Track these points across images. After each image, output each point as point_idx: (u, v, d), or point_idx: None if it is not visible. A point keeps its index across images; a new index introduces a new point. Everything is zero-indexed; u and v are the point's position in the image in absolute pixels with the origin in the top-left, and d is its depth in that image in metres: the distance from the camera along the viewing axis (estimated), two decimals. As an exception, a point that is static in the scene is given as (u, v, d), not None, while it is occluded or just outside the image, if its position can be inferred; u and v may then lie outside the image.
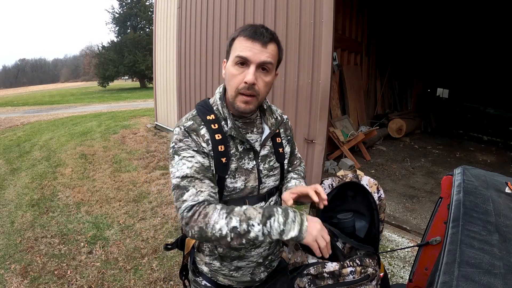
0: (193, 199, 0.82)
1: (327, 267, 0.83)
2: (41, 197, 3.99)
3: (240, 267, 1.03)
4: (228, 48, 0.92)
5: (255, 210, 0.80)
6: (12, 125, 9.62)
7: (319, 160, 3.69)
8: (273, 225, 0.77)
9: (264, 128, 1.02)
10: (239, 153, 0.95)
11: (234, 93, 0.90)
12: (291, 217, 0.78)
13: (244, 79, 0.87)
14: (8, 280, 2.44)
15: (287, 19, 3.84)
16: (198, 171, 0.86)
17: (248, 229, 0.77)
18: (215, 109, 0.96)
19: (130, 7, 26.50)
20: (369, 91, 6.90)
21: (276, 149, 1.04)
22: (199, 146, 0.89)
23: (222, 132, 0.93)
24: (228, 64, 0.91)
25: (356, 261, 0.85)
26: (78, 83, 49.95)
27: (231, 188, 0.94)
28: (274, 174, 1.04)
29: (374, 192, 0.97)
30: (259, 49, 0.86)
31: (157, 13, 7.17)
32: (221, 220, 0.78)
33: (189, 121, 0.93)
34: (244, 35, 0.87)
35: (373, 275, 0.85)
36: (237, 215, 0.79)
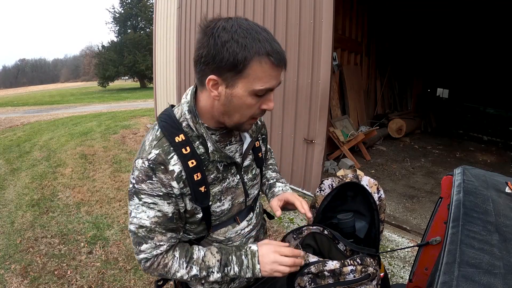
0: (151, 252, 0.79)
1: (328, 266, 0.83)
2: (41, 197, 3.99)
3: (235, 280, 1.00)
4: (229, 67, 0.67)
5: (213, 257, 0.82)
6: (12, 125, 9.63)
7: (319, 160, 3.69)
8: (229, 273, 0.82)
9: (245, 136, 0.89)
10: (221, 173, 0.83)
11: (245, 120, 0.77)
12: (245, 264, 0.82)
13: (264, 106, 0.75)
14: (8, 280, 2.44)
15: (286, 19, 3.84)
16: (159, 223, 0.77)
17: (208, 275, 0.81)
18: (184, 126, 0.78)
19: (130, 7, 26.52)
20: (369, 91, 6.90)
21: (256, 154, 0.96)
22: (166, 188, 0.74)
23: (195, 156, 0.76)
24: (240, 92, 0.70)
25: (357, 260, 0.85)
26: (78, 83, 49.97)
27: (219, 212, 0.86)
28: (257, 182, 0.98)
29: (374, 192, 0.97)
30: (281, 73, 0.73)
31: (157, 13, 7.17)
32: (181, 269, 0.81)
33: (154, 149, 0.75)
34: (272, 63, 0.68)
35: (374, 274, 0.85)
36: (197, 264, 0.81)
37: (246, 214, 0.95)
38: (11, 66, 72.01)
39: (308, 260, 0.86)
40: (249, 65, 0.67)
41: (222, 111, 0.75)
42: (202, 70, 0.72)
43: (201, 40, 0.70)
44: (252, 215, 0.98)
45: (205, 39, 0.68)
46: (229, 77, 0.69)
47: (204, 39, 0.69)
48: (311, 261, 0.85)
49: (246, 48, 0.66)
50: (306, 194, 3.92)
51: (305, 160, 3.84)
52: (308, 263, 0.85)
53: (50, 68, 77.29)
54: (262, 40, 0.67)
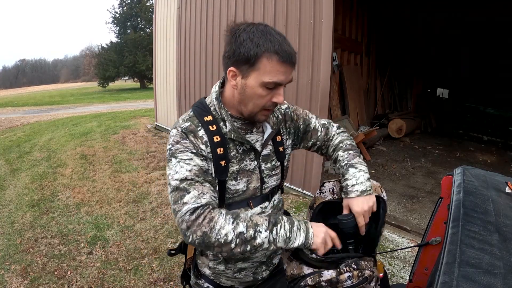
0: (196, 201, 0.79)
1: (324, 276, 0.83)
2: (41, 197, 3.99)
3: (243, 268, 1.02)
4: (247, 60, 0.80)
5: (261, 217, 0.82)
6: (12, 125, 9.63)
7: (319, 160, 3.69)
8: (279, 232, 0.80)
9: (266, 127, 0.98)
10: (240, 154, 0.92)
11: (258, 110, 0.87)
12: (296, 225, 0.83)
13: (274, 99, 0.85)
14: (8, 281, 2.44)
15: (286, 19, 3.84)
16: (198, 174, 0.83)
17: (254, 235, 0.78)
18: (212, 110, 0.92)
19: (130, 7, 26.51)
20: (369, 91, 6.90)
21: (277, 148, 1.01)
22: (198, 148, 0.85)
23: (220, 133, 0.88)
24: (252, 83, 0.83)
25: (352, 265, 0.85)
26: (78, 84, 49.95)
27: (233, 191, 0.92)
28: (276, 173, 1.02)
29: (379, 194, 0.97)
30: (290, 71, 0.84)
31: (157, 13, 7.18)
32: (227, 225, 0.77)
33: (186, 122, 0.89)
34: (278, 58, 0.80)
35: (371, 276, 0.85)
36: (244, 221, 0.79)
37: (260, 201, 0.98)
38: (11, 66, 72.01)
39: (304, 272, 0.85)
40: (259, 59, 0.80)
41: (239, 99, 0.88)
42: (226, 63, 0.86)
43: (227, 39, 0.84)
44: (268, 204, 1.01)
45: (229, 38, 0.84)
46: (244, 69, 0.82)
47: (229, 38, 0.84)
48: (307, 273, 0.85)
49: (258, 45, 0.79)
50: (306, 194, 3.92)
51: (305, 160, 3.83)
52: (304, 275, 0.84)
53: (50, 69, 77.25)
54: (273, 41, 0.79)
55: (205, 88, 5.61)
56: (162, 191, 4.11)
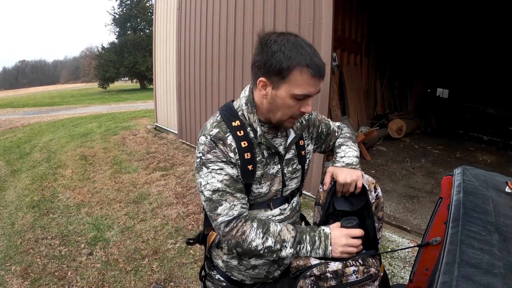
0: (228, 213, 0.88)
1: (330, 267, 0.83)
2: (42, 198, 3.99)
3: (256, 266, 1.05)
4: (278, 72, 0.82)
5: (288, 233, 0.89)
6: (12, 126, 9.63)
7: (319, 160, 3.70)
8: (302, 250, 0.88)
9: (289, 132, 1.01)
10: (265, 159, 0.95)
11: (286, 118, 0.90)
12: (316, 245, 0.88)
13: (302, 109, 0.88)
14: (8, 282, 2.44)
15: (286, 20, 3.84)
16: (228, 185, 0.89)
17: (281, 249, 0.87)
18: (240, 115, 0.94)
19: (130, 8, 26.53)
20: (369, 91, 6.90)
21: (299, 151, 1.05)
22: (227, 157, 0.89)
23: (248, 139, 0.91)
24: (283, 94, 0.85)
25: (358, 260, 0.85)
26: (78, 85, 50.00)
27: (256, 193, 0.96)
28: (297, 176, 1.06)
29: (371, 191, 0.98)
30: (319, 83, 0.86)
31: (157, 14, 7.19)
32: (257, 239, 0.87)
33: (214, 129, 0.91)
34: (310, 73, 0.82)
35: (376, 275, 0.85)
36: (273, 236, 0.88)
37: (280, 203, 1.02)
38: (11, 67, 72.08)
39: (310, 263, 0.86)
40: (291, 73, 0.81)
41: (268, 108, 0.90)
42: (255, 72, 0.87)
43: (257, 49, 0.86)
44: (287, 206, 1.04)
45: (259, 48, 0.85)
46: (275, 80, 0.84)
47: (259, 48, 0.85)
48: (313, 264, 0.85)
49: (290, 59, 0.80)
50: (306, 195, 3.92)
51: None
52: (310, 266, 0.85)
53: (50, 70, 77.29)
54: (304, 54, 0.81)
55: (205, 89, 5.61)
56: (162, 192, 4.11)
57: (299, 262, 0.88)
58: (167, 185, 4.33)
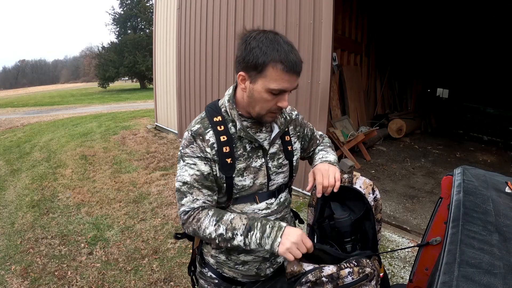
0: (189, 205, 0.95)
1: (325, 271, 0.83)
2: (42, 198, 3.99)
3: (246, 262, 1.06)
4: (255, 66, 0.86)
5: (240, 221, 0.90)
6: (12, 126, 9.63)
7: (319, 160, 3.69)
8: (252, 239, 0.88)
9: (274, 127, 1.05)
10: (247, 152, 0.98)
11: (265, 113, 0.94)
12: (266, 233, 0.88)
13: (279, 104, 0.91)
14: (8, 281, 2.44)
15: (286, 20, 3.84)
16: (197, 180, 0.95)
17: (232, 236, 0.89)
18: (223, 111, 0.99)
19: (130, 8, 26.51)
20: (369, 91, 6.90)
21: (285, 147, 1.07)
22: (203, 152, 0.94)
23: (227, 133, 0.96)
24: (259, 88, 0.89)
25: (352, 262, 0.85)
26: (78, 84, 49.97)
27: (240, 186, 0.98)
28: (283, 171, 1.07)
29: (369, 193, 0.98)
30: (295, 79, 0.90)
31: (157, 14, 7.18)
32: (211, 226, 0.91)
33: (197, 125, 0.97)
34: (283, 68, 0.85)
35: (372, 274, 0.85)
36: (224, 224, 0.90)
37: (266, 197, 1.04)
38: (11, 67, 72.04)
39: (304, 269, 0.85)
40: (266, 67, 0.86)
41: (247, 102, 0.94)
42: (237, 67, 0.92)
43: (239, 45, 0.91)
44: (273, 201, 1.06)
45: (240, 44, 0.90)
46: (253, 75, 0.88)
47: (240, 44, 0.90)
48: (307, 270, 0.85)
49: (266, 54, 0.85)
50: (306, 195, 3.92)
51: (305, 161, 3.83)
52: (305, 272, 0.85)
53: (50, 69, 77.23)
54: (279, 50, 0.85)
55: (205, 88, 5.61)
56: (162, 192, 4.11)
57: (293, 268, 0.87)
58: (167, 184, 4.33)
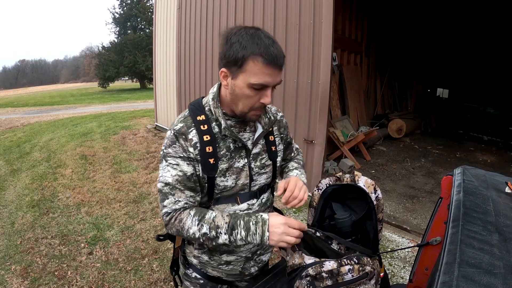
0: (171, 207, 0.93)
1: (326, 266, 0.83)
2: (42, 198, 3.99)
3: (229, 262, 1.06)
4: (235, 62, 0.84)
5: (223, 219, 0.89)
6: (12, 126, 9.63)
7: (319, 160, 3.69)
8: (237, 237, 0.88)
9: (257, 126, 1.02)
10: (230, 152, 0.96)
11: (248, 110, 0.91)
12: (252, 231, 0.87)
13: (261, 100, 0.88)
14: (8, 281, 2.44)
15: (286, 20, 3.84)
16: (179, 181, 0.92)
17: (216, 235, 0.88)
18: (207, 110, 0.97)
19: (130, 8, 26.52)
20: (369, 91, 6.90)
21: (269, 147, 1.05)
22: (186, 152, 0.92)
23: (211, 133, 0.94)
24: (240, 83, 0.86)
25: (353, 259, 0.85)
26: (78, 84, 49.98)
27: (222, 187, 0.96)
28: (266, 171, 1.05)
29: (371, 192, 0.98)
30: (277, 73, 0.86)
31: (157, 14, 7.18)
32: (194, 226, 0.90)
33: (179, 123, 0.95)
34: (263, 60, 0.82)
35: (372, 273, 0.85)
36: (207, 223, 0.89)
37: (248, 198, 1.02)
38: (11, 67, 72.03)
39: (305, 262, 0.85)
40: (246, 62, 0.83)
41: (230, 99, 0.92)
42: (219, 64, 0.91)
43: (221, 42, 0.89)
44: (255, 201, 1.04)
45: (222, 41, 0.88)
46: (234, 70, 0.86)
47: (222, 41, 0.88)
48: (308, 263, 0.85)
49: (245, 48, 0.82)
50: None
51: (305, 161, 3.83)
52: (305, 266, 0.85)
53: (50, 69, 77.23)
54: (259, 44, 0.82)
55: (205, 88, 5.61)
56: (162, 192, 4.11)
57: (294, 261, 0.88)
58: (167, 184, 4.33)
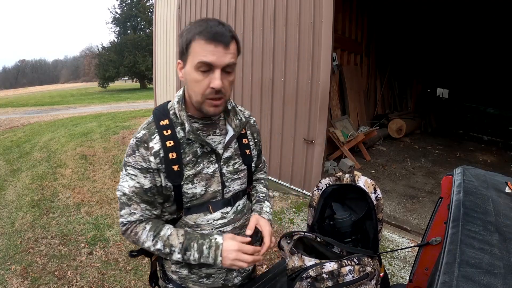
0: (126, 218, 0.91)
1: (326, 267, 0.83)
2: (41, 198, 3.99)
3: (210, 274, 1.00)
4: (183, 49, 0.83)
5: (177, 239, 0.89)
6: (12, 126, 9.63)
7: (319, 160, 3.69)
8: (190, 258, 0.88)
9: (228, 129, 0.97)
10: (197, 158, 0.91)
11: (201, 99, 0.85)
12: (205, 254, 0.88)
13: (211, 84, 0.82)
14: (8, 281, 2.44)
15: (286, 20, 3.84)
16: (136, 193, 0.89)
17: (170, 253, 0.89)
18: (171, 113, 0.92)
19: (130, 8, 26.53)
20: (369, 91, 6.90)
21: (243, 151, 1.00)
22: (146, 162, 0.87)
23: (175, 138, 0.89)
24: (188, 68, 0.84)
25: (354, 260, 0.85)
26: (78, 84, 49.99)
27: (191, 195, 0.91)
28: (240, 177, 0.99)
29: (371, 192, 0.98)
30: (222, 52, 0.80)
31: (157, 13, 7.18)
32: (148, 241, 0.90)
33: (142, 131, 0.90)
34: (204, 38, 0.79)
35: (372, 273, 0.85)
36: (161, 240, 0.89)
37: (221, 206, 0.96)
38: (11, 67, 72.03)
39: (305, 264, 0.85)
40: (191, 44, 0.81)
41: (188, 94, 0.89)
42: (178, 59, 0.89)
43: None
44: (230, 209, 0.98)
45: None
46: (184, 58, 0.85)
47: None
48: (308, 265, 0.85)
49: (190, 32, 0.82)
50: (306, 195, 3.92)
51: (305, 161, 3.83)
52: (305, 268, 0.85)
53: (50, 69, 77.23)
54: (202, 25, 0.81)
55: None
56: (162, 192, 4.11)
57: (294, 264, 0.88)
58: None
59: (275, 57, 4.01)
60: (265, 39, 4.10)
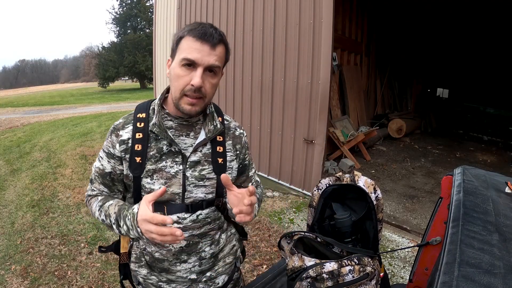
0: (88, 192, 1.01)
1: (326, 267, 0.83)
2: (41, 198, 3.99)
3: (171, 280, 0.98)
4: (174, 46, 0.88)
5: (113, 209, 0.90)
6: (12, 126, 9.63)
7: (319, 160, 3.69)
8: (123, 229, 0.86)
9: (201, 133, 0.95)
10: (161, 154, 0.90)
11: (179, 95, 0.85)
12: (129, 226, 0.83)
13: (191, 81, 0.83)
14: (8, 281, 2.44)
15: (286, 20, 3.84)
16: (98, 174, 0.97)
17: (111, 224, 0.89)
18: (151, 109, 0.94)
19: (130, 8, 26.53)
20: (369, 91, 6.90)
21: (215, 158, 0.95)
22: (113, 148, 0.92)
23: (145, 131, 0.91)
24: (174, 64, 0.87)
25: (354, 260, 0.85)
26: (78, 84, 50.00)
27: (148, 189, 0.90)
28: (206, 185, 0.94)
29: (371, 192, 0.98)
30: (208, 51, 0.83)
31: (157, 13, 7.18)
32: (97, 211, 0.94)
33: (121, 119, 0.96)
34: (192, 35, 0.83)
35: (372, 273, 0.85)
36: (104, 210, 0.92)
37: (178, 210, 0.92)
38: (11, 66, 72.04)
39: (305, 264, 0.85)
40: (180, 41, 0.86)
41: (170, 90, 0.91)
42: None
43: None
44: (187, 216, 0.93)
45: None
46: (173, 55, 0.89)
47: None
48: (308, 265, 0.85)
49: (181, 31, 0.86)
50: (306, 195, 3.92)
51: (305, 161, 3.83)
52: (305, 268, 0.85)
53: (50, 69, 77.26)
54: (194, 25, 0.85)
55: (205, 88, 5.60)
56: (162, 191, 4.10)
57: (294, 264, 0.88)
58: (167, 184, 4.33)
59: (275, 57, 4.01)
60: (265, 39, 4.10)
